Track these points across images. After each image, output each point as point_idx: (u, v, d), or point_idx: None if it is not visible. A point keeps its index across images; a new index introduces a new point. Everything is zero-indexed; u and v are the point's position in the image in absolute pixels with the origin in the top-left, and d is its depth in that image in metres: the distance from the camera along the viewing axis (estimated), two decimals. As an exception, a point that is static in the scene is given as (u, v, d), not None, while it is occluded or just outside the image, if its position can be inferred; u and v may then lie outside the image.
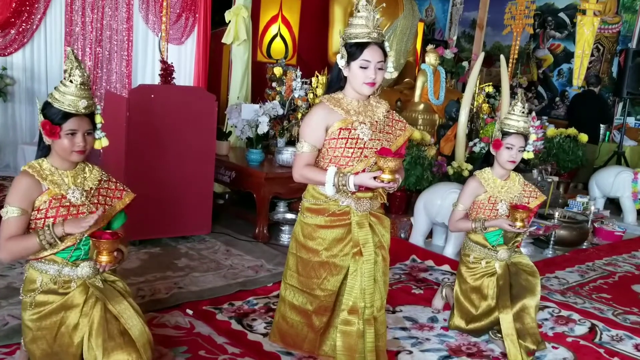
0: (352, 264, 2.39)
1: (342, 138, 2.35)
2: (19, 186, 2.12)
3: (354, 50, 2.30)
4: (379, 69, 2.33)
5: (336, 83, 2.43)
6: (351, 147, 2.35)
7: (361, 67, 2.30)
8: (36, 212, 2.13)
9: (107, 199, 2.27)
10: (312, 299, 2.46)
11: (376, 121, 2.42)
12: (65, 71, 2.14)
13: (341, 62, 2.33)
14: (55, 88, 2.14)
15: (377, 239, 2.44)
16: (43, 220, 2.12)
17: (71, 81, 2.10)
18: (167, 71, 4.95)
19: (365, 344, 2.37)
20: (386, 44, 2.37)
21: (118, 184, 2.34)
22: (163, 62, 5.19)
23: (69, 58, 2.13)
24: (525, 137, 3.01)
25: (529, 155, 3.06)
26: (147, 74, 6.76)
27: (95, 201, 2.22)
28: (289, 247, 2.59)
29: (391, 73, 2.41)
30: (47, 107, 2.11)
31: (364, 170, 2.36)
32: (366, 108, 2.42)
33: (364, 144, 2.37)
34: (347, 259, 2.40)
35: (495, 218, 3.05)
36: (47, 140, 2.13)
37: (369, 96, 2.44)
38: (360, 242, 2.39)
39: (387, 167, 2.24)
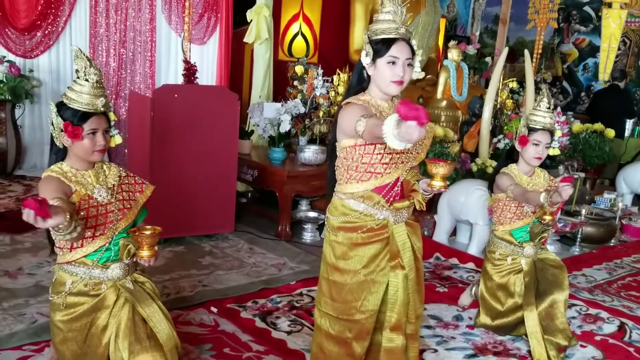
0: (393, 278, 2.23)
1: (377, 143, 2.10)
2: (50, 185, 2.02)
3: (380, 46, 2.11)
4: (408, 65, 2.14)
5: (358, 84, 2.23)
6: (389, 153, 2.15)
7: (389, 64, 2.11)
8: None
9: (130, 194, 2.24)
10: (350, 325, 2.26)
11: None
12: (77, 71, 2.09)
13: (366, 60, 2.14)
14: (68, 88, 2.09)
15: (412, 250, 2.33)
16: None
17: (87, 80, 2.06)
18: (190, 71, 4.97)
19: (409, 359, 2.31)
20: (413, 41, 2.21)
21: (137, 178, 2.31)
22: (186, 62, 5.22)
23: (79, 57, 2.09)
24: (551, 133, 2.97)
25: (555, 151, 3.03)
26: (171, 74, 6.82)
27: (120, 197, 2.19)
28: (320, 271, 2.36)
29: (418, 72, 2.24)
30: (62, 109, 2.06)
31: (397, 179, 2.23)
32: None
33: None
34: (385, 273, 2.24)
35: (521, 215, 3.03)
36: (65, 142, 2.06)
37: (393, 97, 2.23)
38: (399, 252, 2.25)
39: (438, 173, 2.08)
